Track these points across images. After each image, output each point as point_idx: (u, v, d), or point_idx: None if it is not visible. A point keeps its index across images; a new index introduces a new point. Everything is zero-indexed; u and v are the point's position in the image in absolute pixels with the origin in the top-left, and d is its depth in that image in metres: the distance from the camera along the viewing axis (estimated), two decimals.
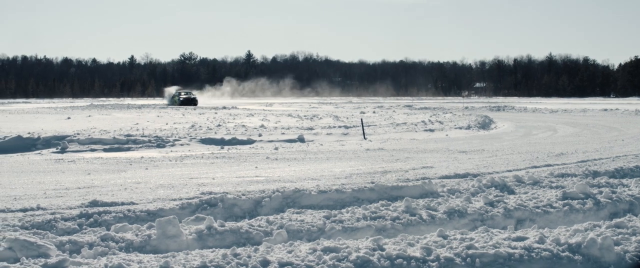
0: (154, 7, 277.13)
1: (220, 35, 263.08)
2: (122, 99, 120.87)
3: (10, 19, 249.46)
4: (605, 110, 52.46)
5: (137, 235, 7.31)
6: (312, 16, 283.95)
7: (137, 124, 30.30)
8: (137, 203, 9.14)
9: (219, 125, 28.94)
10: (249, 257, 6.37)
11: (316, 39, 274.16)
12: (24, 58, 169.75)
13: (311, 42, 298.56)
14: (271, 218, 8.16)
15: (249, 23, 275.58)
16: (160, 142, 19.76)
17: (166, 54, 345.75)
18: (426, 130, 26.78)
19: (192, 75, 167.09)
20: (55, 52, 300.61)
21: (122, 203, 9.11)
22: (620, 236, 7.21)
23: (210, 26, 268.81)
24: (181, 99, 76.01)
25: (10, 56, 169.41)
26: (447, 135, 24.84)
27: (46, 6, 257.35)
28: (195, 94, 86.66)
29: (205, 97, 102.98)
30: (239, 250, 6.58)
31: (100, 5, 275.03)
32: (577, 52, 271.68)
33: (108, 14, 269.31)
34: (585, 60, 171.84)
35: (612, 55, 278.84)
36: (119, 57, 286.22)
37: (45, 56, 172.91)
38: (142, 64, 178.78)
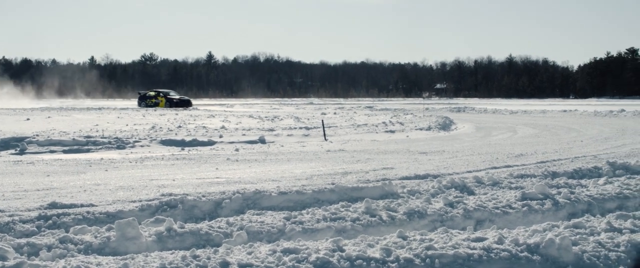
0: (114, 8, 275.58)
1: (181, 36, 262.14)
2: (82, 100, 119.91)
3: None
4: (565, 111, 52.84)
5: (96, 237, 7.27)
6: (274, 17, 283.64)
7: (97, 125, 30.07)
8: (96, 205, 9.10)
9: (180, 127, 28.80)
10: (209, 258, 6.36)
11: (277, 40, 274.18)
12: None
13: (272, 43, 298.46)
14: (231, 219, 8.15)
15: (210, 24, 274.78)
16: (120, 144, 19.65)
17: (127, 55, 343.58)
18: (387, 131, 26.82)
19: (153, 76, 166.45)
20: (14, 52, 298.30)
21: (82, 205, 9.06)
22: (578, 236, 7.28)
23: (172, 27, 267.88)
24: (175, 100, 67.05)
25: None
26: (407, 136, 24.90)
27: (4, 7, 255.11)
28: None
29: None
30: (198, 251, 6.58)
31: (60, 5, 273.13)
32: (537, 53, 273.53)
33: (68, 14, 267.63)
34: (545, 61, 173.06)
35: (571, 56, 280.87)
36: (79, 57, 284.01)
37: (4, 57, 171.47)
38: (103, 64, 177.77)
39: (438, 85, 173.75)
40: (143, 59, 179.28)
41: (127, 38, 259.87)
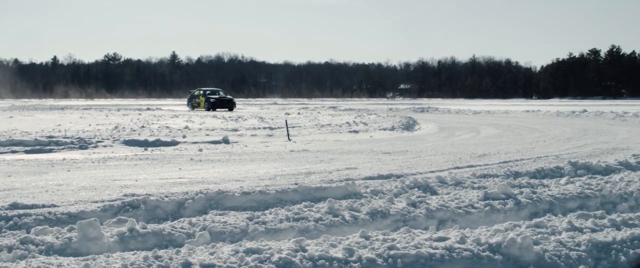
0: (78, 7, 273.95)
1: (145, 36, 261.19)
2: (44, 99, 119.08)
3: None
4: (528, 111, 53.14)
5: (57, 237, 7.22)
6: (238, 18, 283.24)
7: (59, 125, 29.90)
8: (58, 206, 9.02)
9: (143, 127, 28.71)
10: (171, 259, 6.33)
11: (242, 40, 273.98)
12: None
13: (237, 43, 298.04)
14: (194, 220, 8.12)
15: (175, 24, 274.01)
16: (82, 144, 19.52)
17: (90, 55, 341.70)
18: (351, 132, 26.86)
19: (116, 76, 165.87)
20: None
21: (43, 206, 8.98)
22: (539, 235, 7.31)
23: (136, 27, 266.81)
24: (212, 100, 59.33)
25: None
26: (371, 136, 24.94)
27: None
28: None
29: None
30: (160, 252, 6.55)
31: (23, 4, 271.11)
32: (500, 54, 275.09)
33: (30, 13, 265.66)
34: (508, 62, 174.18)
35: (534, 57, 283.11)
36: (42, 57, 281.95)
37: None
38: (65, 64, 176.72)
39: (402, 86, 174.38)
40: (106, 59, 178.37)
41: (90, 38, 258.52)
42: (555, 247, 6.96)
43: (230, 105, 59.62)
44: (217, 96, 61.22)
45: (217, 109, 58.21)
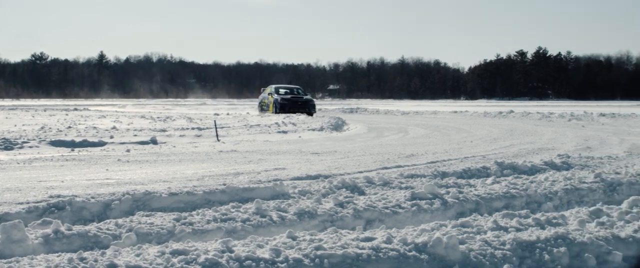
0: (4, 6, 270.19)
1: (73, 35, 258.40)
2: None
3: None
4: (455, 112, 53.66)
5: None
6: (167, 17, 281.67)
7: None
8: None
9: (70, 127, 28.38)
10: (96, 260, 6.27)
11: (171, 40, 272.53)
12: None
13: (165, 43, 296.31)
14: (120, 221, 8.05)
15: (102, 23, 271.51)
16: (7, 144, 19.23)
17: (16, 54, 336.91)
18: (279, 132, 26.85)
19: (43, 76, 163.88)
20: None
21: None
22: (465, 235, 7.37)
23: (63, 26, 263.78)
24: (282, 101, 48.21)
25: None
26: (300, 136, 24.96)
27: None
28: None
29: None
30: (85, 254, 6.48)
31: None
32: (429, 55, 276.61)
33: None
34: (437, 63, 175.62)
35: (462, 58, 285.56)
36: None
37: None
38: None
39: (331, 86, 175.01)
40: (33, 59, 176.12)
41: (16, 37, 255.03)
42: (480, 246, 7.02)
43: (307, 108, 48.21)
44: (289, 96, 49.59)
45: (291, 113, 45.39)
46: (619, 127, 31.82)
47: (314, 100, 53.00)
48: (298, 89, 52.80)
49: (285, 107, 47.58)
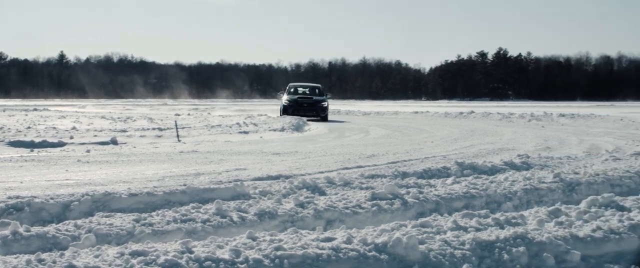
0: None
1: (33, 35, 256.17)
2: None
3: None
4: (416, 112, 53.87)
5: None
6: (127, 17, 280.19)
7: None
8: None
9: (29, 127, 28.16)
10: (54, 262, 6.23)
11: (131, 40, 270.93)
12: None
13: (126, 43, 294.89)
14: (80, 222, 7.99)
15: (62, 23, 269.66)
16: None
17: None
18: (241, 132, 26.79)
19: (2, 76, 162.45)
20: None
21: None
22: (425, 235, 7.39)
23: (22, 25, 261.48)
24: (286, 103, 43.24)
25: None
26: (261, 137, 24.94)
27: None
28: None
29: None
30: (44, 255, 6.43)
31: None
32: (390, 56, 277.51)
33: None
34: (398, 63, 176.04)
35: (423, 59, 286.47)
36: None
37: None
38: None
39: None
40: None
41: None
42: (440, 246, 7.04)
43: (315, 110, 42.24)
44: (295, 97, 44.09)
45: (295, 115, 39.71)
46: (578, 128, 32.10)
47: (327, 101, 44.26)
48: (315, 88, 46.64)
49: (288, 109, 42.24)
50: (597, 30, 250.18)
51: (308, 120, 36.76)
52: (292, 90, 46.13)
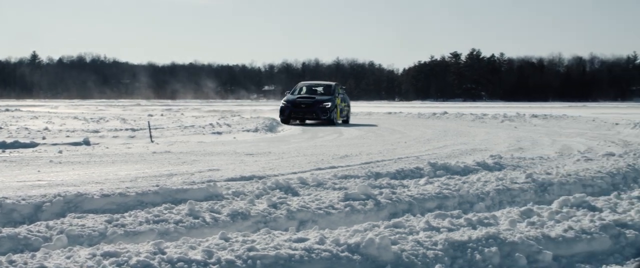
0: None
1: (5, 34, 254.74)
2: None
3: None
4: (390, 113, 54.03)
5: None
6: (100, 17, 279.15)
7: None
8: None
9: (0, 128, 28.05)
10: (25, 263, 6.19)
11: (104, 41, 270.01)
12: None
13: (99, 43, 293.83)
14: (51, 223, 7.95)
15: (35, 22, 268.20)
16: None
17: None
18: (214, 133, 26.76)
19: None
20: None
21: None
22: (397, 235, 7.40)
23: None
24: (284, 105, 37.01)
25: None
26: (234, 138, 24.90)
27: None
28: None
29: None
30: (15, 256, 6.39)
31: None
32: (363, 56, 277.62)
33: None
34: (372, 64, 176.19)
35: (397, 60, 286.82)
36: None
37: None
38: None
39: (266, 87, 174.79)
40: None
41: None
42: (412, 247, 7.05)
43: (316, 113, 36.31)
44: (294, 97, 37.62)
45: (293, 119, 36.59)
46: (551, 128, 32.25)
47: (337, 101, 37.29)
48: (327, 87, 39.18)
49: (284, 111, 36.59)
50: (570, 31, 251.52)
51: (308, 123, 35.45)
52: (297, 89, 39.47)
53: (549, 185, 11.64)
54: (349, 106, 39.81)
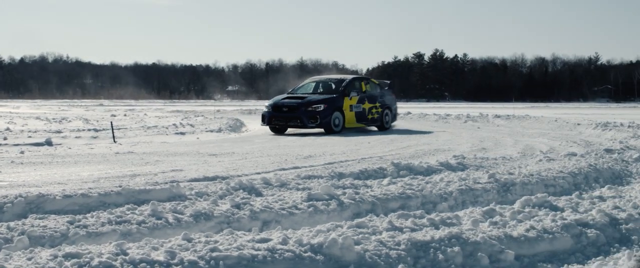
0: None
1: None
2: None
3: None
4: None
5: None
6: (62, 16, 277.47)
7: None
8: None
9: None
10: None
11: (66, 40, 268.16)
12: None
13: (61, 43, 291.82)
14: (12, 224, 7.90)
15: None
16: None
17: None
18: (177, 133, 26.70)
19: None
20: None
21: None
22: (361, 235, 7.41)
23: None
24: (266, 110, 28.68)
25: None
26: (198, 138, 24.86)
27: None
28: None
29: None
30: None
31: None
32: (327, 56, 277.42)
33: None
34: (335, 64, 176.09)
35: (360, 60, 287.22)
36: None
37: None
38: None
39: (230, 87, 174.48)
40: None
41: None
42: (375, 247, 7.07)
43: (300, 119, 27.87)
44: (283, 97, 29.68)
45: (274, 125, 28.61)
46: (514, 128, 32.39)
47: (351, 102, 29.57)
48: (339, 82, 30.36)
49: (264, 117, 28.82)
50: (532, 32, 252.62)
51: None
52: (300, 86, 31.60)
53: (511, 185, 11.71)
54: (386, 107, 31.85)
